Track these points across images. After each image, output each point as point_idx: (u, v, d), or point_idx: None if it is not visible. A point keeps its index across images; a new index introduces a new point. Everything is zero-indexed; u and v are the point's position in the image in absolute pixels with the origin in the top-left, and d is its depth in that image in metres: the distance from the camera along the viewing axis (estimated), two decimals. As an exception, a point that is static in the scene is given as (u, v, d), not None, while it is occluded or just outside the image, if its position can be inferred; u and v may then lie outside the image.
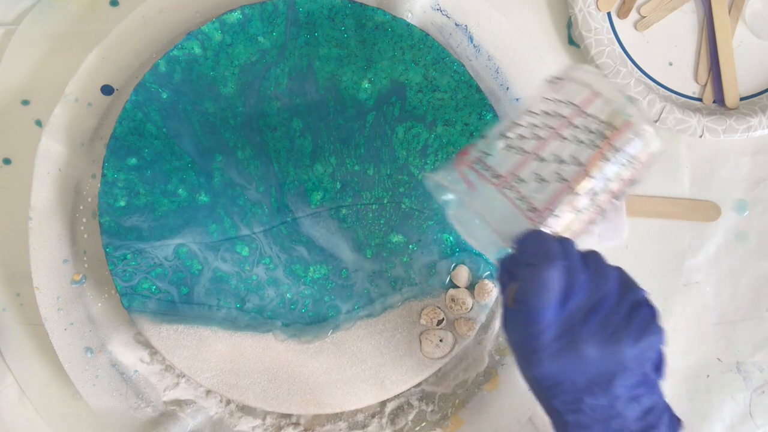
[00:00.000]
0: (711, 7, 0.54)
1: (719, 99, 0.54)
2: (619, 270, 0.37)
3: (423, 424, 0.50)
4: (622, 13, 0.54)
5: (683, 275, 0.53)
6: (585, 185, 0.37)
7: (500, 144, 0.39)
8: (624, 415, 0.35)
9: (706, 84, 0.54)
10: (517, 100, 0.51)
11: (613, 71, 0.52)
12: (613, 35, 0.54)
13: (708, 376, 0.54)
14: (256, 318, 0.48)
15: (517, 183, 0.37)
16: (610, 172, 0.38)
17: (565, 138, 0.38)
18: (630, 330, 0.35)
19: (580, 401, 0.35)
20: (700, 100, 0.54)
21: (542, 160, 0.37)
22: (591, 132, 0.38)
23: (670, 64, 0.54)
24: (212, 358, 0.48)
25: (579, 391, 0.35)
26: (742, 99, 0.54)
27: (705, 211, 0.54)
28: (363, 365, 0.48)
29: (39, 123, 0.53)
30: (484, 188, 0.38)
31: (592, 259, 0.37)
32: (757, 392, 0.54)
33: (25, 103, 0.53)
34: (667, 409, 0.37)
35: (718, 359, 0.54)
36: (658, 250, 0.53)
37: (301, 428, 0.50)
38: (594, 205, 0.38)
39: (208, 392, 0.50)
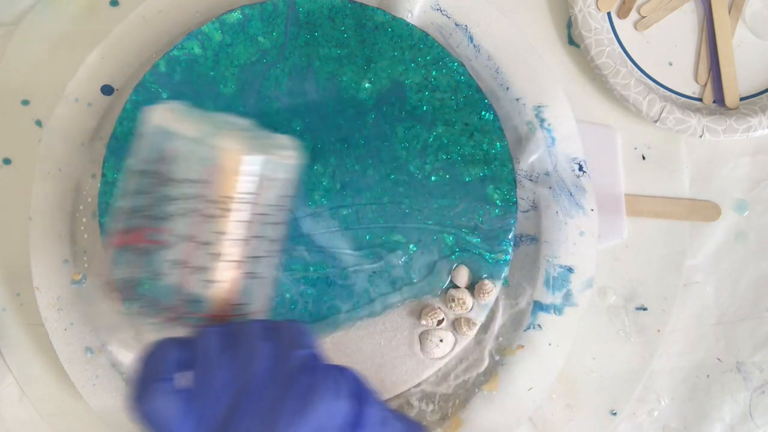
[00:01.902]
0: (711, 7, 0.54)
1: (719, 99, 0.54)
2: (277, 333, 0.32)
3: (423, 424, 0.50)
4: (622, 13, 0.54)
5: (683, 275, 0.53)
6: (209, 253, 0.32)
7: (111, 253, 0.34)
8: None
9: (706, 84, 0.54)
10: (517, 99, 0.51)
11: (613, 71, 0.52)
12: (613, 35, 0.54)
13: (708, 376, 0.54)
14: (256, 318, 0.48)
15: (140, 289, 0.32)
16: (229, 224, 0.32)
17: (158, 217, 0.32)
18: (283, 412, 0.29)
19: None
20: (700, 100, 0.54)
21: (148, 252, 0.32)
22: (178, 199, 0.32)
23: (670, 64, 0.54)
24: (212, 358, 0.48)
25: None
26: (742, 99, 0.54)
27: (705, 211, 0.54)
28: (363, 365, 0.48)
29: (39, 123, 0.53)
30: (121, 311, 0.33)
31: (241, 336, 0.31)
32: (757, 392, 0.54)
33: (25, 103, 0.53)
34: None
35: (718, 359, 0.54)
36: (658, 250, 0.53)
37: (301, 428, 0.50)
38: (235, 261, 0.33)
39: (208, 392, 0.50)
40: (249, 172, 0.33)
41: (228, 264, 0.33)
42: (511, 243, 0.49)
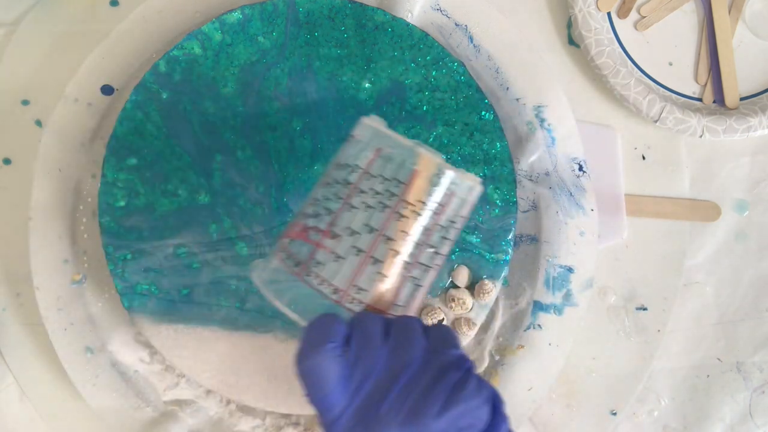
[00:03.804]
0: (711, 7, 0.54)
1: (719, 99, 0.54)
2: (431, 332, 0.34)
3: None
4: (622, 13, 0.54)
5: (683, 275, 0.53)
6: (384, 250, 0.36)
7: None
8: None
9: (706, 84, 0.54)
10: (517, 99, 0.51)
11: (613, 71, 0.52)
12: (613, 35, 0.54)
13: (708, 376, 0.54)
14: (256, 318, 0.48)
15: (316, 266, 0.36)
16: (408, 227, 0.36)
17: (354, 207, 0.36)
18: (432, 400, 0.31)
19: None
20: (700, 100, 0.54)
21: (335, 235, 0.36)
22: (378, 193, 0.36)
23: (670, 64, 0.54)
24: (212, 358, 0.48)
25: None
26: (742, 99, 0.54)
27: (705, 211, 0.54)
28: (363, 365, 0.48)
29: (39, 123, 0.53)
30: (291, 280, 0.36)
31: (398, 327, 0.34)
32: (757, 392, 0.54)
33: (25, 103, 0.53)
34: None
35: (718, 359, 0.54)
36: (658, 250, 0.53)
37: (301, 428, 0.50)
38: (408, 263, 0.37)
39: (208, 392, 0.50)
40: (441, 183, 0.37)
41: (401, 263, 0.36)
42: (511, 243, 0.49)
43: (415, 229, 0.36)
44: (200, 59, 0.49)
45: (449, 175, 0.37)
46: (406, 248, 0.36)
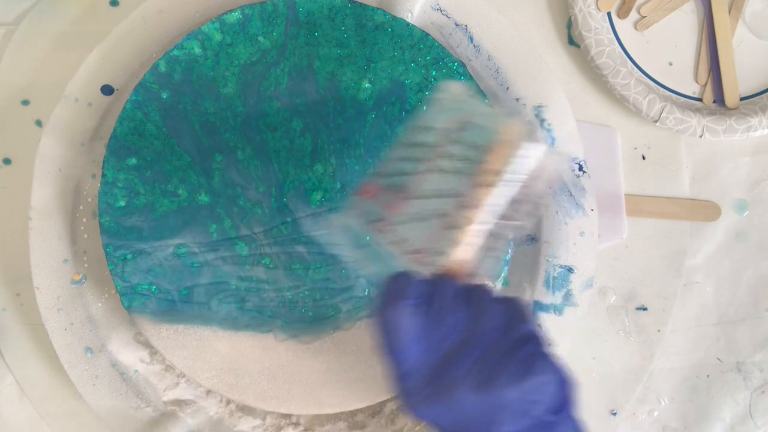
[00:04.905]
0: (711, 7, 0.54)
1: (719, 99, 0.54)
2: (507, 303, 0.35)
3: (423, 424, 0.50)
4: (622, 13, 0.54)
5: (683, 275, 0.53)
6: (467, 216, 0.35)
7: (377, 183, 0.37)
8: None
9: (706, 84, 0.54)
10: (517, 99, 0.51)
11: (613, 71, 0.52)
12: (613, 35, 0.54)
13: (708, 376, 0.54)
14: (256, 318, 0.48)
15: (391, 226, 0.35)
16: (493, 196, 0.35)
17: (431, 170, 0.35)
18: (509, 370, 0.32)
19: None
20: (700, 100, 0.54)
21: (421, 196, 0.35)
22: (458, 159, 0.35)
23: (670, 64, 0.55)
24: (212, 358, 0.48)
25: None
26: (742, 99, 0.54)
27: (705, 211, 0.54)
28: (363, 365, 0.48)
29: (39, 123, 0.53)
30: (364, 237, 0.36)
31: (475, 295, 0.34)
32: (757, 392, 0.54)
33: (25, 103, 0.53)
34: None
35: (718, 359, 0.54)
36: (658, 250, 0.53)
37: (301, 428, 0.50)
38: (484, 231, 0.36)
39: (208, 392, 0.50)
40: (525, 155, 0.35)
41: (478, 231, 0.35)
42: (511, 243, 0.49)
43: (493, 198, 0.35)
44: (200, 59, 0.49)
45: (534, 146, 0.35)
46: (482, 217, 0.35)
